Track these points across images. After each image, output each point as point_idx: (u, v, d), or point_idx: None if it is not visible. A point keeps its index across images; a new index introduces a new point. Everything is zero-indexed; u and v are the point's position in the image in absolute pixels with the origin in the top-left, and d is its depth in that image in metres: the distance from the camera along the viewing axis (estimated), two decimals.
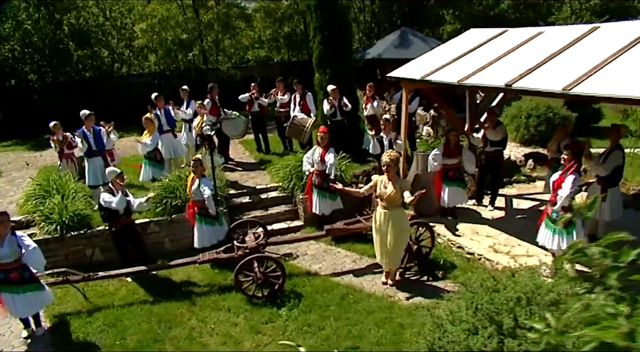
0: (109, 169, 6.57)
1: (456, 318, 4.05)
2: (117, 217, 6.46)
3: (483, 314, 3.87)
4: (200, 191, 6.66)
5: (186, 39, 18.01)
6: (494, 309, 3.88)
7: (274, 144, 11.64)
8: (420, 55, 9.99)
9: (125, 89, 16.94)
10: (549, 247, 5.92)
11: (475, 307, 3.95)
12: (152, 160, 8.80)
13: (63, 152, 8.82)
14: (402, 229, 5.97)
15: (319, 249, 7.59)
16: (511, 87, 5.76)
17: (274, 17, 20.45)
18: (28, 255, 5.19)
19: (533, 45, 6.69)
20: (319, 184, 7.64)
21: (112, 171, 6.48)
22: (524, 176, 9.91)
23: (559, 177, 5.70)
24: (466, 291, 4.22)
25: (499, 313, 3.87)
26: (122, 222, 6.52)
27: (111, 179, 6.44)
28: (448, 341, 3.82)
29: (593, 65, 5.28)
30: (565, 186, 5.50)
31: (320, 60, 10.43)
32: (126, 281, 6.72)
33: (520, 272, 4.47)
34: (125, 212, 6.52)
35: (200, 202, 6.76)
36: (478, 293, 4.13)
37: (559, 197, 5.54)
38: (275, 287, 6.11)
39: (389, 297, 6.05)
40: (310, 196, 7.77)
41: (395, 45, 16.27)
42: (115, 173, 6.44)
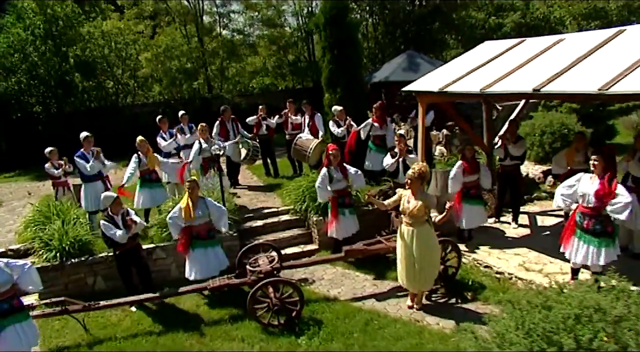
0: (104, 195, 6.17)
1: (505, 340, 3.57)
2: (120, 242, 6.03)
3: (538, 334, 3.40)
4: (211, 210, 6.26)
5: (191, 67, 18.01)
6: (550, 328, 3.41)
7: (282, 168, 11.30)
8: None
9: (129, 119, 16.82)
10: (593, 263, 5.41)
11: (528, 327, 3.48)
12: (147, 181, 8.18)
13: (58, 180, 8.46)
14: (431, 246, 5.51)
15: (336, 273, 7.11)
16: (539, 92, 5.42)
17: (278, 44, 20.58)
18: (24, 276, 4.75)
19: (556, 51, 6.41)
20: (348, 203, 7.26)
21: (107, 197, 6.07)
22: (545, 193, 9.51)
23: (602, 187, 5.22)
24: (514, 309, 3.74)
25: (555, 333, 3.40)
26: (127, 246, 6.08)
27: (107, 205, 6.03)
28: None
29: (629, 65, 4.96)
30: (623, 193, 5.03)
31: (329, 80, 10.28)
32: (130, 311, 6.24)
33: (569, 288, 4.01)
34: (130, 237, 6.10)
35: (204, 226, 6.31)
36: (528, 311, 3.66)
37: (622, 205, 5.02)
38: (292, 314, 5.61)
39: (417, 322, 5.54)
40: (338, 221, 7.18)
41: (403, 68, 16.10)
42: (112, 198, 6.03)
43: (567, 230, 5.57)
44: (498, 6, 22.94)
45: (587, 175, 5.43)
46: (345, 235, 7.27)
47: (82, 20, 16.92)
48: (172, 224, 6.21)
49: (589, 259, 5.37)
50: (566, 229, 5.59)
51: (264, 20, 19.77)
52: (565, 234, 5.58)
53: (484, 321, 4.05)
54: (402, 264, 5.59)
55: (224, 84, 19.78)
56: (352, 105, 9.76)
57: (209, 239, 6.34)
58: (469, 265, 6.81)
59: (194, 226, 6.20)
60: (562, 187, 5.60)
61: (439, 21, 20.81)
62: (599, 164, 5.24)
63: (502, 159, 7.81)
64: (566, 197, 5.55)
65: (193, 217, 6.15)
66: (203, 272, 6.22)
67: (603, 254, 5.30)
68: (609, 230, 5.32)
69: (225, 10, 18.97)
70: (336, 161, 7.16)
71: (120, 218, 5.99)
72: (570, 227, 5.51)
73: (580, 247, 5.40)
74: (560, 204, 5.70)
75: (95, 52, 17.54)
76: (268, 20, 19.82)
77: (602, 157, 5.18)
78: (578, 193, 5.38)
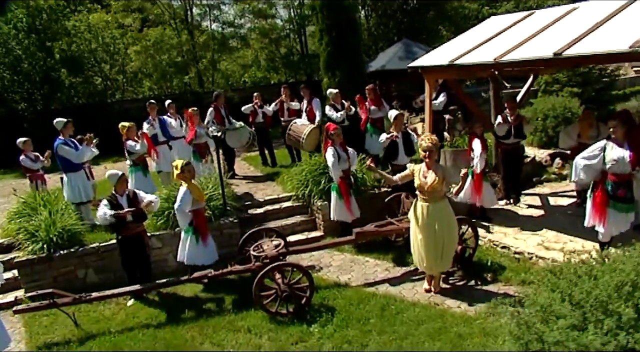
0: (109, 172, 5.69)
1: (551, 314, 3.18)
2: (125, 224, 5.55)
3: (591, 304, 3.02)
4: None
5: (181, 61, 17.50)
6: (603, 297, 3.03)
7: (280, 159, 10.86)
8: None
9: (119, 115, 16.23)
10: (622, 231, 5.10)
11: (578, 297, 3.09)
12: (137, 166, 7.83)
13: (35, 173, 7.96)
14: (451, 224, 5.12)
15: (345, 259, 6.70)
16: (561, 56, 5.06)
17: (269, 37, 20.12)
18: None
19: (573, 19, 6.06)
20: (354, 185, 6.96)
21: (112, 175, 5.61)
22: (554, 175, 9.21)
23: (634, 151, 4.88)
24: (558, 280, 3.36)
25: (610, 302, 3.02)
26: (131, 231, 5.61)
27: (114, 183, 5.58)
28: (551, 342, 2.93)
29: None
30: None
31: (328, 63, 9.85)
32: (125, 305, 5.78)
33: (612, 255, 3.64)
34: (134, 220, 5.61)
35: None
36: (575, 281, 3.28)
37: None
38: (302, 301, 5.18)
39: (437, 305, 5.14)
40: (349, 202, 6.84)
41: (399, 56, 15.75)
42: (117, 176, 5.58)
43: (597, 205, 5.19)
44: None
45: (610, 143, 5.09)
46: (356, 216, 6.89)
47: (67, 14, 16.34)
48: (181, 213, 5.74)
49: (624, 226, 5.09)
50: (597, 204, 5.20)
51: (255, 12, 19.29)
52: (597, 209, 5.19)
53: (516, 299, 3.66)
54: (421, 245, 5.17)
55: (216, 77, 19.27)
56: (352, 89, 9.32)
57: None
58: (485, 246, 6.43)
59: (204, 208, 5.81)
60: (583, 158, 5.22)
61: (432, 11, 20.50)
62: (619, 129, 4.96)
63: (505, 137, 7.44)
64: (589, 168, 5.18)
65: (202, 197, 5.76)
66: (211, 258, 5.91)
67: (630, 220, 5.16)
68: (634, 195, 5.13)
69: (216, 1, 18.45)
70: (339, 140, 6.76)
71: (125, 199, 5.53)
72: (601, 200, 5.13)
73: (617, 218, 5.10)
74: (582, 176, 5.30)
75: (82, 47, 16.94)
76: (259, 12, 19.35)
77: (621, 121, 4.88)
78: (607, 161, 5.03)
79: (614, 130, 5.01)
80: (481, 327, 4.55)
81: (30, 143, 7.93)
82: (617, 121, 5.00)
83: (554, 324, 3.10)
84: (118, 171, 5.71)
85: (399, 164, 7.25)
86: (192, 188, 5.78)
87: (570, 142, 7.12)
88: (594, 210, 5.27)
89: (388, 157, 7.46)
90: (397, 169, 7.27)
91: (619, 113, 5.25)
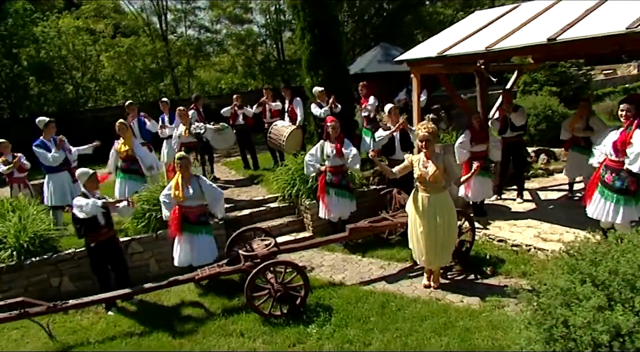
0: (79, 170, 5.31)
1: (572, 296, 2.99)
2: (97, 228, 5.15)
3: (618, 283, 2.84)
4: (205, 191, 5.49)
5: (156, 67, 17.03)
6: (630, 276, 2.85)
7: (263, 162, 10.55)
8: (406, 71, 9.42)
9: (92, 123, 15.66)
10: (607, 220, 4.99)
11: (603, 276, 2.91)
12: (131, 173, 7.53)
13: (12, 177, 7.47)
14: (451, 216, 4.94)
15: (337, 259, 6.43)
16: (555, 41, 4.95)
17: (246, 43, 19.87)
18: None
19: (561, 8, 6.00)
20: (336, 183, 6.56)
21: (83, 173, 5.24)
22: (541, 170, 9.21)
23: (621, 135, 4.82)
24: (577, 262, 3.18)
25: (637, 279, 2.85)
26: (104, 236, 5.22)
27: (84, 181, 5.20)
28: (579, 325, 2.73)
29: None
30: (638, 141, 4.62)
31: (310, 62, 9.59)
32: (104, 314, 5.35)
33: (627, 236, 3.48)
34: (106, 223, 5.25)
35: (199, 208, 5.57)
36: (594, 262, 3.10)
37: (635, 154, 4.63)
38: (296, 302, 4.89)
39: (438, 301, 4.92)
40: (324, 200, 6.63)
41: (378, 59, 15.74)
42: (88, 174, 5.20)
43: (591, 184, 5.19)
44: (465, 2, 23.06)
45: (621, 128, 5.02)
46: (333, 217, 6.65)
47: (35, 19, 15.73)
48: (165, 203, 5.51)
49: (604, 215, 4.99)
50: (591, 183, 5.20)
51: (231, 17, 19.02)
52: (589, 189, 5.19)
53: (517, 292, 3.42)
54: (421, 238, 4.96)
55: (192, 84, 18.86)
56: (335, 88, 9.14)
57: (199, 225, 5.58)
58: (481, 240, 6.28)
59: (184, 207, 5.43)
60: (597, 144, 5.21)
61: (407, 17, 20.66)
62: (630, 113, 4.82)
63: (502, 131, 7.40)
64: (600, 151, 5.13)
65: (182, 197, 5.38)
66: (187, 259, 5.49)
67: (621, 212, 4.93)
68: (631, 188, 4.90)
69: (191, 6, 18.10)
70: (335, 134, 6.52)
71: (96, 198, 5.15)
72: (594, 181, 5.10)
73: (599, 202, 5.03)
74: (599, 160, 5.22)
75: (52, 53, 16.32)
76: (235, 17, 19.09)
77: (635, 105, 4.76)
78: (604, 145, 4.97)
79: (625, 114, 4.85)
80: (488, 320, 4.35)
81: (7, 144, 7.43)
82: (631, 106, 4.82)
83: (577, 307, 2.91)
84: (89, 170, 5.31)
85: (396, 159, 7.06)
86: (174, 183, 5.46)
87: (567, 134, 7.13)
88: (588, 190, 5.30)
89: (385, 152, 7.28)
90: (394, 164, 7.06)
91: (631, 97, 5.07)
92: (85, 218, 4.99)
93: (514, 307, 4.60)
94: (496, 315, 4.45)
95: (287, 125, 9.42)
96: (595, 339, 2.65)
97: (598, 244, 3.32)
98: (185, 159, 5.60)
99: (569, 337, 2.81)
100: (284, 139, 9.08)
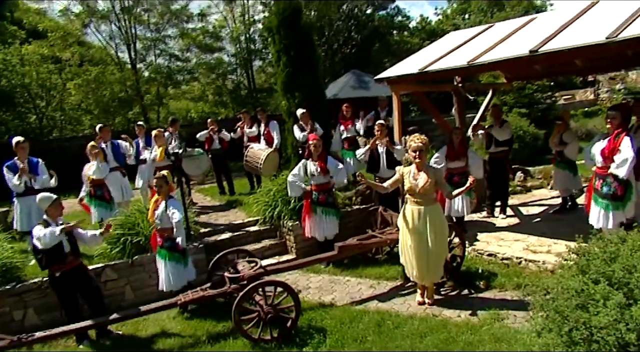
0: (40, 195, 4.90)
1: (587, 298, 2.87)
2: (61, 258, 4.73)
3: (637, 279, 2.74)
4: (168, 214, 5.19)
5: (125, 96, 16.64)
6: None
7: (239, 188, 10.28)
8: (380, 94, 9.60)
9: (57, 153, 15.02)
10: (599, 226, 5.00)
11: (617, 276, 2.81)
12: (98, 199, 7.15)
13: None
14: (443, 229, 4.82)
15: (323, 280, 6.17)
16: (537, 53, 5.04)
17: (216, 73, 19.79)
18: None
19: (539, 23, 6.20)
20: (323, 201, 6.39)
21: (44, 198, 4.81)
22: (519, 187, 9.32)
23: (609, 143, 4.89)
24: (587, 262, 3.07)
25: None
26: (69, 264, 4.79)
27: (45, 207, 4.79)
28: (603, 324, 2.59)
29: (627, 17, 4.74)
30: (625, 148, 4.68)
31: (286, 84, 9.53)
32: (75, 347, 4.89)
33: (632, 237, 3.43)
34: (72, 251, 4.84)
35: (166, 231, 5.26)
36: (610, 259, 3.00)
37: (621, 160, 4.68)
38: (287, 324, 4.60)
39: (435, 317, 4.73)
40: (310, 219, 6.42)
41: (351, 85, 15.94)
42: (50, 199, 4.80)
43: (588, 192, 5.26)
44: (430, 31, 23.88)
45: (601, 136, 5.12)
46: (319, 236, 6.46)
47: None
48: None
49: (600, 222, 5.00)
50: (588, 191, 5.26)
51: (202, 46, 18.96)
52: (587, 197, 5.25)
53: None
54: (413, 252, 4.80)
55: (162, 113, 18.50)
56: (313, 109, 9.07)
57: (162, 249, 5.32)
58: (470, 255, 6.16)
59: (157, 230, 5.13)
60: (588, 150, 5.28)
61: (377, 44, 21.17)
62: (616, 120, 4.92)
63: (487, 146, 7.47)
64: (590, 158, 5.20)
65: (151, 220, 5.09)
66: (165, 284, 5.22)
67: (611, 217, 5.00)
68: (618, 193, 4.96)
69: (160, 35, 17.95)
70: (317, 152, 6.38)
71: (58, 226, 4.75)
72: (589, 190, 5.13)
73: (593, 209, 5.10)
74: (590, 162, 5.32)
75: (14, 81, 15.73)
76: (206, 46, 19.05)
77: (620, 113, 4.86)
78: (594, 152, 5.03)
79: (611, 122, 4.96)
80: (490, 334, 4.18)
81: None
82: (617, 113, 4.93)
83: (595, 307, 2.79)
84: (51, 195, 4.93)
85: (381, 177, 6.99)
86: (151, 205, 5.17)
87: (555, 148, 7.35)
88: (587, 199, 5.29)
89: (370, 169, 7.18)
90: (379, 181, 7.01)
91: (618, 105, 5.24)
92: (45, 249, 4.59)
93: (514, 319, 4.48)
94: (497, 328, 4.29)
95: (263, 148, 9.26)
96: (620, 339, 2.52)
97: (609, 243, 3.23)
98: (161, 178, 5.33)
99: (590, 339, 2.68)
100: (260, 163, 8.90)
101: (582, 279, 2.97)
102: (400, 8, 24.00)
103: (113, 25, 16.99)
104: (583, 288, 2.92)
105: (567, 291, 2.95)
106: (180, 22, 18.41)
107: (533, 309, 3.12)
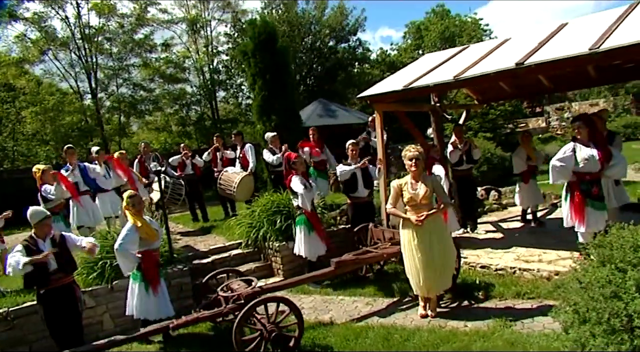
0: (32, 208, 4.50)
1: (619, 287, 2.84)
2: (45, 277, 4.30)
3: None
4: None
5: (85, 126, 15.99)
6: None
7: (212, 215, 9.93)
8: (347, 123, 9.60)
9: (10, 185, 14.09)
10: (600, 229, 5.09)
11: None
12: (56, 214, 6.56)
13: None
14: (448, 236, 4.77)
15: (316, 300, 5.93)
16: (523, 65, 5.23)
17: (180, 103, 19.49)
18: None
19: (514, 43, 6.47)
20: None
21: (37, 212, 4.42)
22: (495, 205, 9.51)
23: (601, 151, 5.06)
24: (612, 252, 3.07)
25: None
26: (54, 283, 4.36)
27: (34, 223, 4.40)
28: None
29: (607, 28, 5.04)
30: (617, 154, 4.88)
31: (262, 108, 9.49)
32: None
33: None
34: (61, 268, 4.40)
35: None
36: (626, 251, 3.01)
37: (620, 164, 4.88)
38: (290, 344, 4.32)
39: (442, 328, 4.59)
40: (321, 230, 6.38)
41: (318, 113, 16.07)
42: (42, 215, 4.42)
43: (576, 205, 5.24)
44: (390, 63, 24.72)
45: (577, 144, 5.27)
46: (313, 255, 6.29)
47: None
48: (124, 253, 4.69)
49: (601, 225, 5.09)
50: (575, 204, 5.25)
51: (165, 76, 18.68)
52: (576, 210, 5.23)
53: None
54: (420, 264, 4.67)
55: (123, 144, 17.88)
56: (289, 132, 9.00)
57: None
58: (463, 268, 6.09)
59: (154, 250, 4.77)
60: (558, 160, 5.30)
61: (340, 75, 21.61)
62: (583, 129, 5.17)
63: (458, 163, 7.61)
64: (564, 168, 5.25)
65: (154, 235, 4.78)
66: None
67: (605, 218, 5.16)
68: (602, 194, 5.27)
69: (123, 64, 17.55)
70: (301, 169, 6.27)
71: (47, 244, 4.34)
72: (580, 200, 5.19)
73: (595, 216, 5.12)
74: (558, 177, 5.34)
75: None
76: (170, 76, 18.78)
77: (584, 122, 5.13)
78: (579, 161, 5.14)
79: (579, 131, 5.21)
80: (503, 339, 4.08)
81: None
82: (581, 122, 5.22)
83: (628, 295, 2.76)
84: (44, 210, 4.56)
85: (358, 197, 6.90)
86: (139, 223, 4.81)
87: (523, 166, 7.38)
88: (572, 211, 5.29)
89: (347, 189, 7.05)
90: (356, 201, 6.92)
91: (580, 115, 5.52)
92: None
93: (522, 325, 4.41)
94: (509, 333, 4.20)
95: (237, 171, 8.98)
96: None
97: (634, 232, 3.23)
98: (136, 196, 5.03)
99: (631, 326, 2.63)
100: (234, 187, 8.60)
101: (610, 269, 2.96)
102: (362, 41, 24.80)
103: (73, 53, 16.48)
104: (611, 279, 2.91)
105: (597, 281, 2.93)
106: (144, 51, 18.11)
107: (561, 304, 3.06)
